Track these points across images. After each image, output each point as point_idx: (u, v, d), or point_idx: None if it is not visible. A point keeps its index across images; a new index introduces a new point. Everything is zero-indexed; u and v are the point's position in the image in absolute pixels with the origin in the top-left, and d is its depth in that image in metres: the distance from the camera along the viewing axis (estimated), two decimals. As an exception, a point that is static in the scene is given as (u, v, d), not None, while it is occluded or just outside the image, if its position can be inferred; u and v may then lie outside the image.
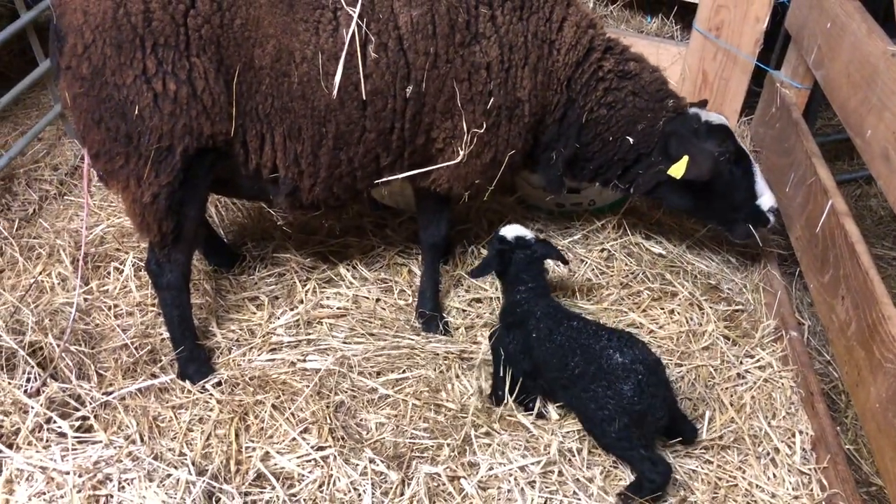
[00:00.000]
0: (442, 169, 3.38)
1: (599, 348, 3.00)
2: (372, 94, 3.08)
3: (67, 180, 4.72)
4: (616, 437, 2.93)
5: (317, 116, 3.09)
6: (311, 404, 3.17)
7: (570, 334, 3.11)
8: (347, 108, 3.09)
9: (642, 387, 2.89)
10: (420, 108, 3.19)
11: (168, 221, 3.08)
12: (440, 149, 3.34)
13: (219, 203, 4.43)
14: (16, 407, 2.96)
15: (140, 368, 3.41)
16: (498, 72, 3.22)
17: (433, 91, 3.17)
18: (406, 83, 3.11)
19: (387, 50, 3.05)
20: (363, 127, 3.15)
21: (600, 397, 2.93)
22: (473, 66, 3.18)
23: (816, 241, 3.56)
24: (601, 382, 2.94)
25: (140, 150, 2.90)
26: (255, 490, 2.87)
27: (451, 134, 3.29)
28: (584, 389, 2.99)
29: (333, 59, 3.00)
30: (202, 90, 2.88)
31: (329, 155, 3.19)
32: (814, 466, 3.16)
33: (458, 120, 3.24)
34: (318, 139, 3.14)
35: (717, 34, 4.81)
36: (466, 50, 3.15)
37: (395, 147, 3.26)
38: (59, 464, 2.70)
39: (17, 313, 3.43)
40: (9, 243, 4.02)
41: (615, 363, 2.94)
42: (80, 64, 2.80)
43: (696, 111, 3.67)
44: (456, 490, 2.95)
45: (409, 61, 3.09)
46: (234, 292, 3.88)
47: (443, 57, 3.13)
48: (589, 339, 3.05)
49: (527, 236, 3.48)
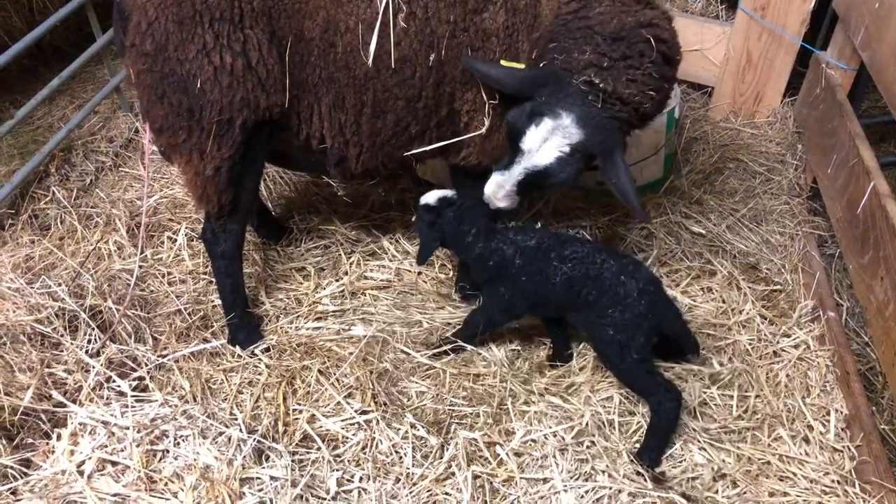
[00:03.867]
0: (471, 145, 3.43)
1: (611, 276, 3.12)
2: (401, 62, 3.14)
3: (122, 152, 4.89)
4: (636, 362, 3.07)
5: (357, 85, 3.17)
6: (356, 370, 3.29)
7: (574, 265, 3.17)
8: (382, 75, 3.16)
9: (656, 304, 3.10)
10: (442, 78, 3.23)
11: (227, 193, 3.21)
12: (466, 122, 3.37)
13: (267, 177, 4.56)
14: (78, 366, 3.14)
15: (193, 333, 3.57)
16: (504, 38, 3.20)
17: (452, 60, 3.20)
18: (430, 51, 3.15)
19: (415, 19, 3.11)
20: (395, 95, 3.21)
21: (618, 321, 3.07)
22: (485, 34, 3.18)
23: (857, 222, 3.57)
24: (617, 308, 3.08)
25: (202, 124, 3.01)
26: (302, 450, 3.00)
27: (473, 106, 3.32)
28: (599, 315, 3.11)
29: (369, 29, 3.07)
30: (256, 62, 2.97)
31: (369, 123, 3.27)
32: (847, 444, 3.20)
33: (478, 91, 3.26)
34: (359, 108, 3.22)
35: (763, 14, 4.78)
36: (478, 17, 3.16)
37: (423, 116, 3.30)
38: (119, 419, 2.86)
39: (77, 278, 3.59)
40: (68, 212, 4.21)
41: (630, 288, 3.09)
42: (145, 41, 2.91)
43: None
44: (492, 455, 3.06)
45: (433, 29, 3.13)
46: (282, 263, 4.02)
47: (460, 25, 3.15)
48: (595, 269, 3.15)
49: (447, 194, 3.40)
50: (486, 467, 3.01)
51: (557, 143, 2.95)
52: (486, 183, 3.20)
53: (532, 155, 3.00)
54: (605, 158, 3.00)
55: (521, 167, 3.05)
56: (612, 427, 3.22)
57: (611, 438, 3.16)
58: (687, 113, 5.24)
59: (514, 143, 3.04)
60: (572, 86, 2.92)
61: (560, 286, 3.19)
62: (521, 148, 3.01)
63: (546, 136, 2.95)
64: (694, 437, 3.19)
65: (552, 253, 3.22)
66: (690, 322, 3.71)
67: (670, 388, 3.12)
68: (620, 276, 3.12)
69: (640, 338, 3.08)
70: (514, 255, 3.28)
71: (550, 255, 3.22)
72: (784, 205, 4.47)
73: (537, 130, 2.95)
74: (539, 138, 2.96)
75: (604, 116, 2.93)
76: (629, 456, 3.08)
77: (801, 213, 4.41)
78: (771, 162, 4.78)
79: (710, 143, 4.97)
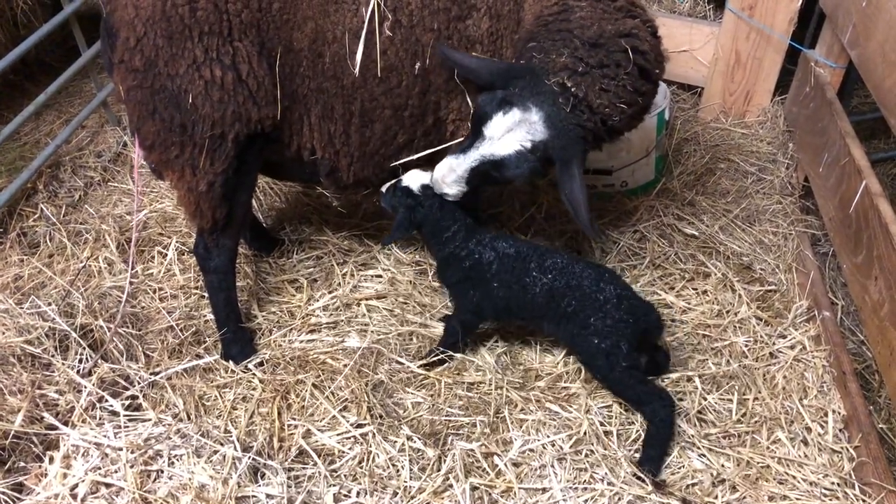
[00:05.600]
0: None
1: (589, 284, 3.13)
2: (387, 71, 3.12)
3: (111, 167, 4.86)
4: (625, 370, 3.07)
5: (345, 95, 3.15)
6: (351, 382, 3.27)
7: (555, 276, 3.18)
8: (369, 84, 3.14)
9: (634, 307, 3.12)
10: (427, 87, 3.21)
11: (222, 208, 3.18)
12: (452, 132, 3.36)
13: (257, 188, 4.53)
14: (70, 386, 3.10)
15: (185, 349, 3.54)
16: (489, 44, 3.18)
17: (437, 68, 3.17)
18: (416, 59, 3.13)
19: (400, 27, 3.09)
20: (382, 104, 3.20)
21: (601, 329, 3.07)
22: (469, 41, 3.16)
23: (850, 221, 3.56)
24: (598, 315, 3.08)
25: (194, 140, 2.99)
26: (298, 466, 2.98)
27: (459, 115, 3.30)
28: (583, 326, 3.11)
29: (355, 38, 3.05)
30: (246, 74, 2.95)
31: (358, 133, 3.25)
32: (845, 445, 3.19)
33: (463, 99, 3.24)
34: (347, 117, 3.21)
35: (751, 14, 4.78)
36: (462, 24, 3.14)
37: (409, 125, 3.29)
38: (112, 440, 2.83)
39: (67, 297, 3.56)
40: (57, 229, 4.17)
41: (609, 294, 3.10)
42: (133, 57, 2.89)
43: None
44: (490, 466, 3.04)
45: (418, 37, 3.11)
46: (274, 275, 3.99)
47: (444, 33, 3.13)
48: (576, 279, 3.16)
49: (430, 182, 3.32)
50: (484, 478, 2.99)
51: (520, 137, 2.92)
52: (437, 166, 3.16)
53: (492, 142, 2.97)
54: (562, 166, 2.96)
55: (479, 153, 3.01)
56: (611, 435, 3.19)
57: (609, 446, 3.14)
58: (677, 114, 5.24)
59: (476, 127, 3.00)
60: (546, 85, 2.88)
61: (541, 296, 3.19)
62: (484, 133, 2.97)
63: (511, 127, 2.92)
64: (692, 443, 3.17)
65: (531, 263, 3.22)
66: (685, 324, 3.71)
67: (663, 395, 3.12)
68: (599, 283, 3.14)
69: (624, 344, 3.08)
70: (491, 261, 3.27)
71: (530, 264, 3.22)
72: (776, 204, 4.46)
73: (503, 119, 2.91)
74: (503, 127, 2.92)
75: (571, 122, 2.90)
76: (628, 462, 3.06)
77: (793, 212, 4.40)
78: (762, 161, 4.77)
79: (701, 144, 4.96)
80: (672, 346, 3.60)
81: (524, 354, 3.60)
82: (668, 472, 3.08)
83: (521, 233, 4.23)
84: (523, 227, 4.26)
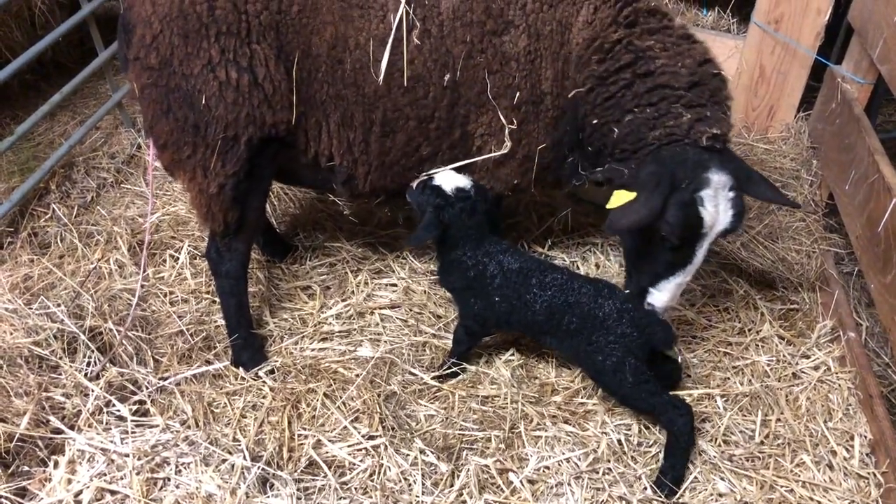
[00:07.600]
0: (484, 168, 3.35)
1: (588, 300, 3.05)
2: (414, 81, 3.08)
3: (124, 168, 4.81)
4: (635, 384, 2.98)
5: (366, 103, 3.10)
6: (363, 393, 3.19)
7: (554, 293, 3.11)
8: (394, 94, 3.09)
9: (636, 321, 3.00)
10: (456, 99, 3.16)
11: (233, 212, 3.12)
12: (479, 146, 3.31)
13: (271, 193, 4.47)
14: (77, 390, 3.04)
15: (195, 355, 3.47)
16: (525, 63, 3.13)
17: (468, 81, 3.13)
18: (445, 71, 3.09)
19: (430, 37, 3.04)
20: (406, 115, 3.15)
21: (604, 347, 2.98)
22: (504, 57, 3.12)
23: (878, 240, 3.47)
24: (600, 332, 3.00)
25: (207, 141, 2.94)
26: (308, 477, 2.90)
27: (488, 130, 3.25)
28: (587, 343, 3.03)
29: (381, 45, 3.01)
30: (263, 77, 2.90)
31: (378, 143, 3.20)
32: (873, 470, 3.09)
33: (494, 115, 3.20)
34: (367, 126, 3.15)
35: (776, 27, 4.71)
36: (498, 39, 3.10)
37: (435, 138, 3.24)
38: (119, 446, 2.76)
39: (77, 298, 3.50)
40: (68, 229, 4.12)
41: (609, 310, 3.01)
42: (149, 54, 2.85)
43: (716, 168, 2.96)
44: (505, 483, 2.95)
45: (448, 49, 3.07)
46: (287, 281, 3.93)
47: (478, 46, 3.09)
48: (574, 295, 3.08)
49: (466, 186, 3.23)
50: (499, 496, 2.90)
51: (727, 197, 2.95)
52: (655, 296, 3.16)
53: (716, 227, 2.98)
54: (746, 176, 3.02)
55: (705, 245, 3.05)
56: (629, 455, 3.10)
57: (628, 465, 3.04)
58: (698, 128, 5.15)
59: (692, 237, 3.00)
60: (687, 151, 2.95)
61: (541, 313, 3.12)
62: (703, 234, 2.99)
63: (716, 202, 2.93)
64: (715, 465, 3.07)
65: (533, 279, 3.15)
66: (706, 341, 3.62)
67: (678, 403, 3.02)
68: (597, 298, 3.05)
69: (630, 360, 2.98)
70: (495, 274, 3.20)
71: (531, 280, 3.15)
72: (800, 221, 4.37)
73: (707, 208, 2.91)
74: (713, 211, 2.93)
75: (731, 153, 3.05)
76: (647, 481, 2.97)
77: (817, 229, 4.31)
78: (785, 178, 4.68)
79: (723, 159, 4.87)
80: (692, 362, 3.51)
81: (540, 368, 3.52)
82: (691, 495, 2.98)
83: (538, 244, 4.16)
84: (540, 238, 4.18)
